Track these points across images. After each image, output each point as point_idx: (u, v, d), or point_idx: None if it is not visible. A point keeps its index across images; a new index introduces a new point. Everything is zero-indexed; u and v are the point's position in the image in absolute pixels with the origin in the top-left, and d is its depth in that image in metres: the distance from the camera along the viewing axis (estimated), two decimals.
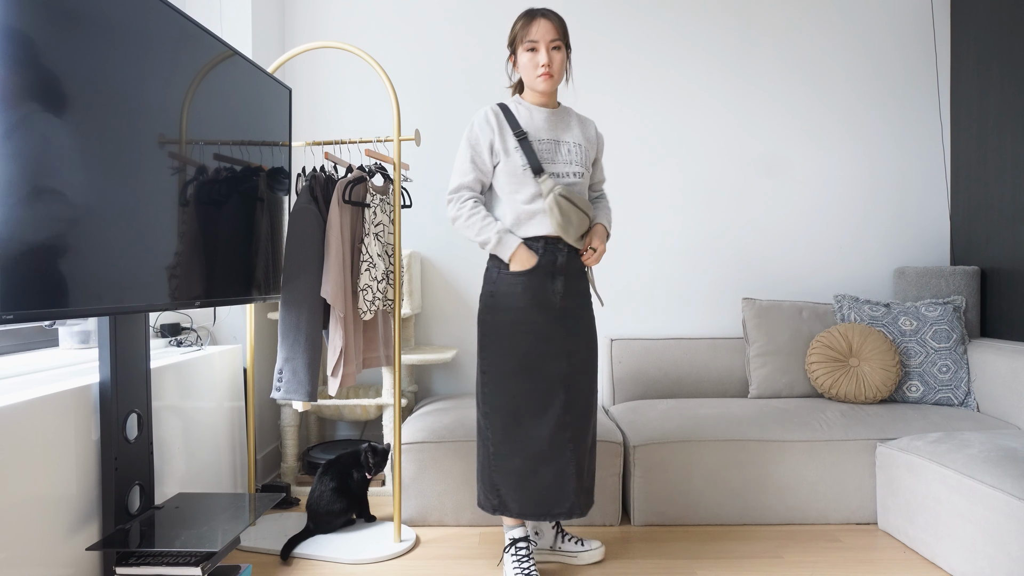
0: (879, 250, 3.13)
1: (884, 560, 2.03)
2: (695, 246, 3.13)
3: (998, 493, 1.77)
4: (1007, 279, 2.76)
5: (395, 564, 2.03)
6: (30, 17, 1.23)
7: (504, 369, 1.83)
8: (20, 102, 1.21)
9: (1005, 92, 2.75)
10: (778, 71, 3.12)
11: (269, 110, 2.17)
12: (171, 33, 1.61)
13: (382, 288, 2.20)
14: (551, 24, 1.81)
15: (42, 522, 1.50)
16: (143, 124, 1.52)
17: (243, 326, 2.67)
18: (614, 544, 2.17)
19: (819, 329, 2.81)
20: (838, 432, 2.32)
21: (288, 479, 2.71)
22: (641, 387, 2.88)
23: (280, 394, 2.10)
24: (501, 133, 1.84)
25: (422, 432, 2.33)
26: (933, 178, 3.12)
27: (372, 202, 2.22)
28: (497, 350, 1.84)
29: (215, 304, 1.83)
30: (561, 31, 1.83)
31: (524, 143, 1.84)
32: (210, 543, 1.56)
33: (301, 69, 3.13)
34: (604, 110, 3.12)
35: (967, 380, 2.61)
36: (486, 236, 1.81)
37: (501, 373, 1.83)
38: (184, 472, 2.10)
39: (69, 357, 1.91)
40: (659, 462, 2.30)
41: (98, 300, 1.38)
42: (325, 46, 2.28)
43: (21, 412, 1.44)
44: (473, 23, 3.12)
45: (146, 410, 1.79)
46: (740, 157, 3.13)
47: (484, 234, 1.81)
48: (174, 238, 1.64)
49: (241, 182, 1.97)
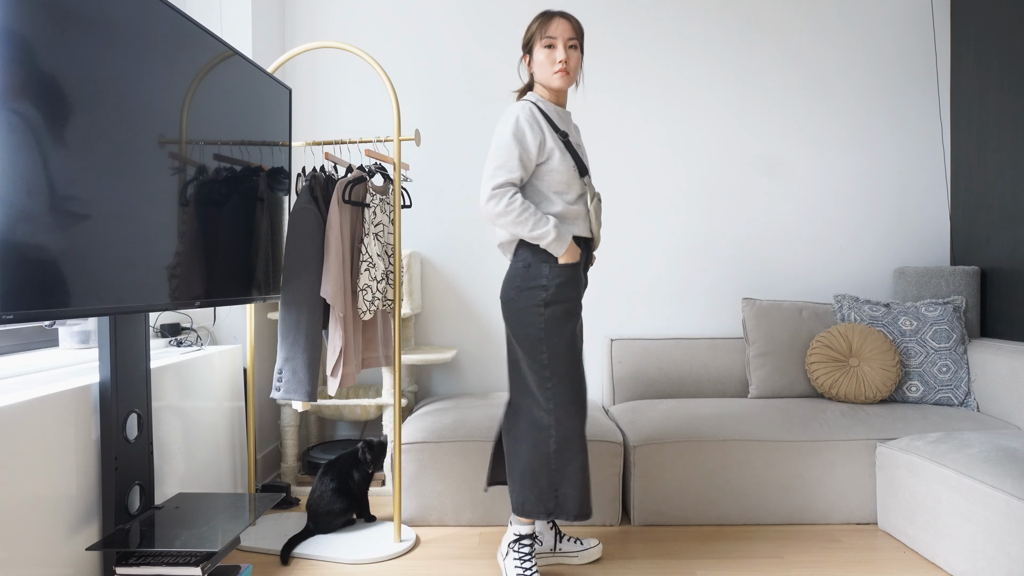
0: (879, 250, 3.13)
1: (884, 560, 2.03)
2: (695, 246, 3.13)
3: (998, 493, 1.77)
4: (1007, 279, 2.76)
5: (395, 564, 2.03)
6: (30, 17, 1.23)
7: (567, 361, 1.82)
8: (20, 102, 1.21)
9: (1005, 92, 2.75)
10: (778, 71, 3.12)
11: (269, 110, 2.17)
12: (171, 33, 1.61)
13: (382, 288, 2.20)
14: (569, 23, 1.85)
15: (42, 522, 1.50)
16: (143, 124, 1.52)
17: (243, 326, 2.67)
18: (614, 544, 2.17)
19: (819, 329, 2.81)
20: (838, 432, 2.32)
21: (288, 479, 2.71)
22: (641, 387, 2.88)
23: (280, 394, 2.10)
24: (548, 132, 1.84)
25: (422, 432, 2.33)
26: (933, 178, 3.12)
27: (372, 202, 2.22)
28: (559, 343, 1.82)
29: (215, 304, 1.83)
30: (578, 32, 1.86)
31: (568, 144, 1.87)
32: (210, 543, 1.56)
33: (301, 69, 3.13)
34: (605, 110, 3.12)
35: (967, 380, 2.61)
36: (543, 230, 1.78)
37: (566, 365, 1.82)
38: (184, 472, 2.10)
39: (69, 357, 1.91)
40: (659, 462, 2.30)
41: (98, 300, 1.38)
42: (325, 46, 2.28)
43: (21, 412, 1.44)
44: (473, 23, 3.12)
45: (146, 410, 1.79)
46: (740, 157, 3.13)
47: (541, 228, 1.78)
48: (174, 238, 1.64)
49: (241, 182, 1.97)
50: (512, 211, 1.77)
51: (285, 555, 2.05)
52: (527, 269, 1.84)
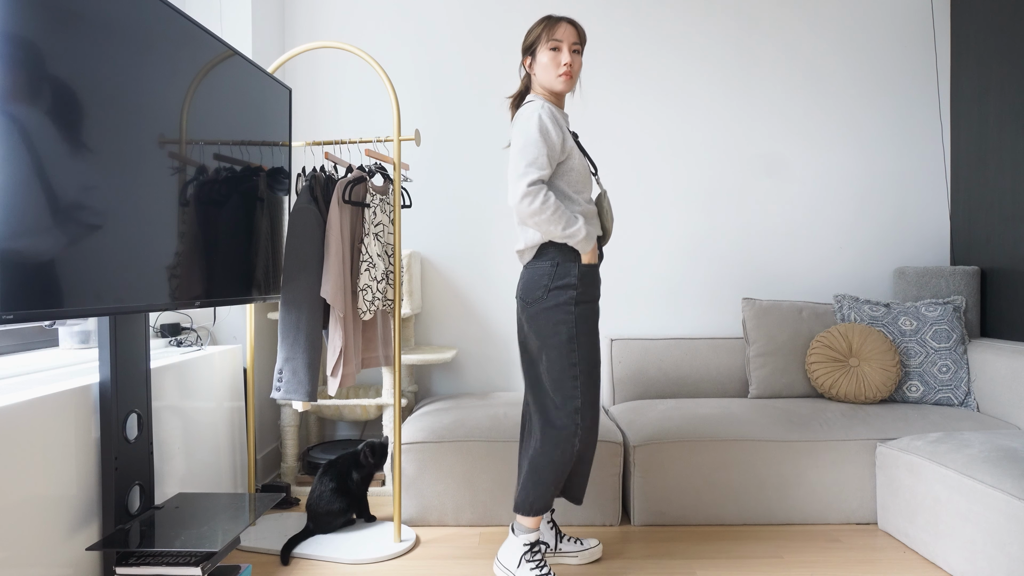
0: (879, 250, 3.13)
1: (884, 560, 2.03)
2: (695, 246, 3.13)
3: (998, 493, 1.77)
4: (1007, 279, 2.76)
5: (395, 564, 2.03)
6: (30, 17, 1.23)
7: (593, 359, 1.85)
8: (19, 102, 1.21)
9: (1005, 92, 2.75)
10: (778, 71, 3.12)
11: (269, 110, 2.17)
12: (171, 33, 1.61)
13: (382, 288, 2.20)
14: (573, 28, 1.87)
15: (42, 522, 1.50)
16: (143, 124, 1.52)
17: (243, 326, 2.67)
18: (614, 544, 2.17)
19: (819, 329, 2.81)
20: (838, 432, 2.32)
21: (288, 479, 2.71)
22: (641, 387, 2.88)
23: (280, 394, 2.10)
24: (565, 132, 1.86)
25: (422, 432, 2.33)
26: (933, 178, 3.12)
27: (372, 202, 2.22)
28: (587, 341, 1.84)
29: (215, 304, 1.83)
30: (582, 38, 1.88)
31: (579, 144, 1.92)
32: (210, 543, 1.56)
33: (301, 69, 3.13)
34: (605, 110, 3.12)
35: (967, 380, 2.61)
36: (575, 228, 1.79)
37: (592, 363, 1.85)
38: (184, 472, 2.10)
39: (69, 357, 1.91)
40: (659, 462, 2.30)
41: (98, 300, 1.38)
42: (325, 46, 2.28)
43: (21, 412, 1.44)
44: (474, 23, 3.12)
45: (146, 410, 1.79)
46: (740, 157, 3.13)
47: (573, 226, 1.79)
48: (174, 238, 1.64)
49: (241, 182, 1.97)
50: (547, 208, 1.76)
51: (285, 555, 2.05)
52: (555, 268, 1.83)
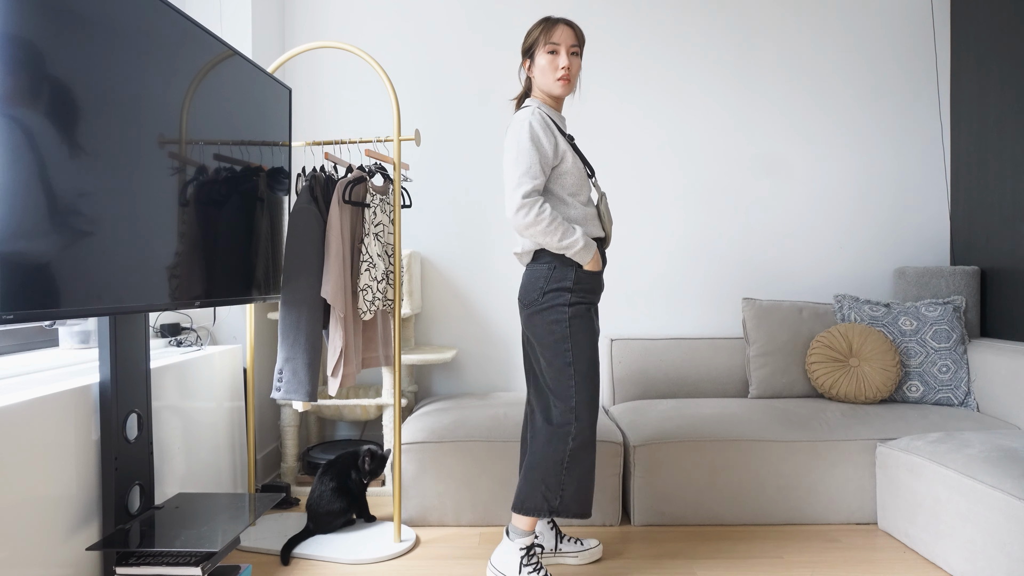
0: (879, 250, 3.13)
1: (884, 560, 2.03)
2: (695, 246, 3.13)
3: (998, 493, 1.77)
4: (1007, 279, 2.76)
5: (395, 564, 2.03)
6: (29, 17, 1.23)
7: (590, 360, 1.84)
8: (19, 103, 1.21)
9: (1005, 92, 2.75)
10: (778, 71, 3.12)
11: (269, 110, 2.17)
12: (171, 33, 1.61)
13: (382, 288, 2.20)
14: (572, 31, 1.85)
15: (42, 522, 1.50)
16: (143, 124, 1.52)
17: (243, 326, 2.67)
18: (614, 544, 2.17)
19: (819, 329, 2.81)
20: (838, 432, 2.32)
21: (288, 479, 2.71)
22: (641, 387, 2.88)
23: (280, 394, 2.10)
24: (558, 135, 1.85)
25: (422, 432, 2.33)
26: (933, 178, 3.12)
27: (372, 202, 2.22)
28: (583, 341, 1.83)
29: (215, 304, 1.83)
30: (580, 39, 1.87)
31: (574, 146, 1.90)
32: (210, 543, 1.56)
33: (301, 69, 3.13)
34: (604, 110, 3.12)
35: (967, 380, 2.61)
36: (572, 240, 1.79)
37: (587, 364, 1.84)
38: (184, 472, 2.10)
39: (69, 357, 1.91)
40: (659, 462, 2.30)
41: (98, 300, 1.38)
42: (325, 46, 2.28)
43: (21, 412, 1.44)
44: (474, 22, 3.12)
45: (146, 410, 1.79)
46: (740, 157, 3.13)
47: (569, 238, 1.79)
48: (174, 238, 1.63)
49: (241, 182, 1.97)
50: (542, 220, 1.76)
51: (285, 555, 2.05)
52: (552, 271, 1.84)
